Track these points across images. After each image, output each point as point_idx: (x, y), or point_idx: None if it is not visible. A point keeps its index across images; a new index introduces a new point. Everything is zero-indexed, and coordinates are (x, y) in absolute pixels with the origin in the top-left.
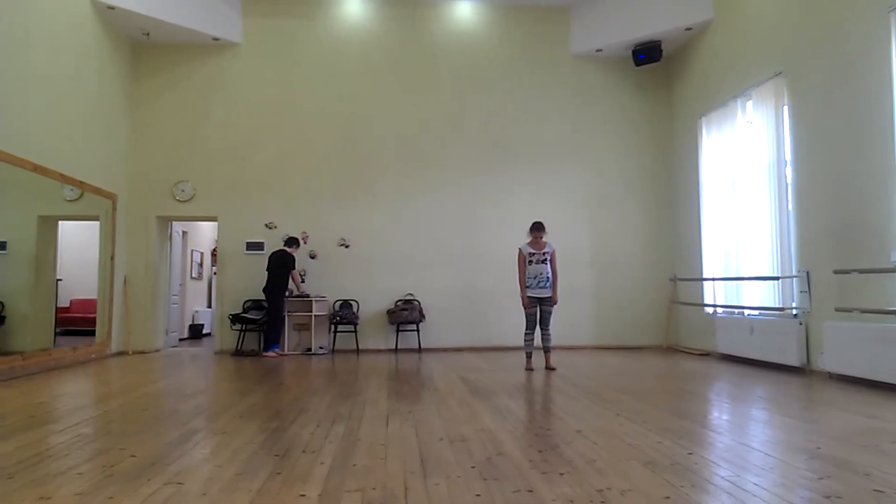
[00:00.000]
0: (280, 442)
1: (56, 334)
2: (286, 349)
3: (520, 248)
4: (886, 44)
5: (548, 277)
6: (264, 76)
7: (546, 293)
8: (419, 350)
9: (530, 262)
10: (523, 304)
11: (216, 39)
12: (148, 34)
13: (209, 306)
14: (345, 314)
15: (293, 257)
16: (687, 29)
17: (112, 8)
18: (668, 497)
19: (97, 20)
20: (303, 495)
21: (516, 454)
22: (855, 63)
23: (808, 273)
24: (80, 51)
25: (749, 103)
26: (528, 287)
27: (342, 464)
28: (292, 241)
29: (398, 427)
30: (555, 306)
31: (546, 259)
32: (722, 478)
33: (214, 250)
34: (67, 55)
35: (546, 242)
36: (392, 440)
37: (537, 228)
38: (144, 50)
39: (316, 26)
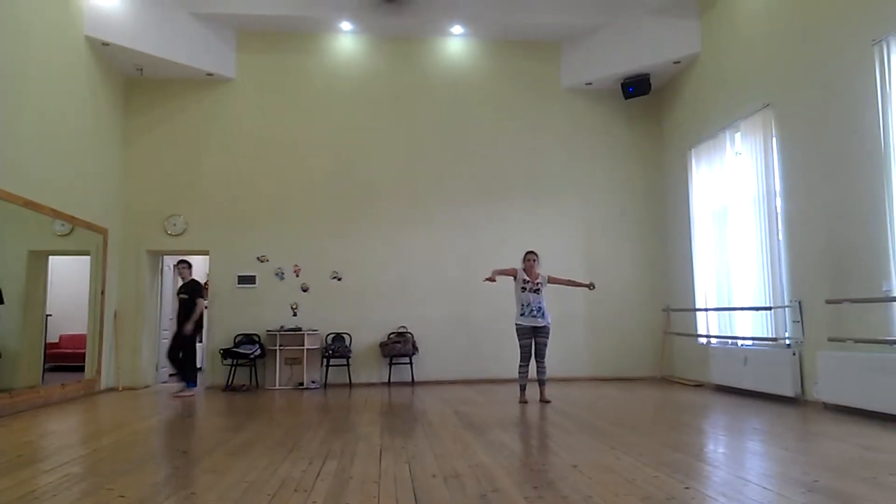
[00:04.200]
0: (271, 480)
1: (45, 371)
2: (277, 383)
3: (516, 268)
4: (871, 75)
5: (540, 307)
6: (257, 111)
7: (540, 322)
8: (412, 383)
9: (523, 289)
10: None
11: (210, 75)
12: (142, 70)
13: (200, 341)
14: (337, 347)
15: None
16: (675, 62)
17: (106, 44)
18: None
19: (91, 56)
20: None
21: (511, 491)
22: (841, 94)
23: (800, 303)
24: (74, 86)
25: (738, 135)
26: (521, 315)
27: (334, 503)
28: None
29: (391, 463)
30: (594, 289)
31: (539, 288)
32: None
33: (206, 284)
34: (61, 90)
35: (539, 273)
36: (385, 477)
37: (530, 255)
38: (138, 85)
39: (309, 61)
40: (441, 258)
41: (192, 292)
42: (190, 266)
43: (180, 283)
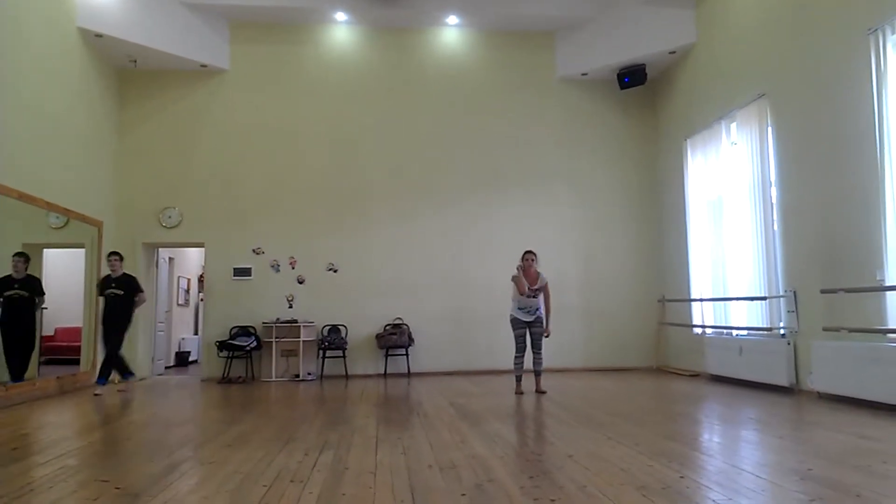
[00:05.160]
0: (268, 471)
1: (40, 363)
2: (273, 375)
3: (514, 276)
4: (866, 65)
5: (538, 308)
6: (252, 102)
7: (537, 317)
8: (408, 375)
9: (522, 294)
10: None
11: (203, 66)
12: (135, 61)
13: (196, 333)
14: (333, 339)
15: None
16: (671, 52)
17: (100, 36)
18: None
19: (85, 48)
20: None
21: (507, 481)
22: (836, 84)
23: (794, 293)
24: (68, 79)
25: (733, 125)
26: (518, 309)
27: (330, 493)
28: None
29: (387, 454)
30: (546, 337)
31: (537, 294)
32: (714, 501)
33: (201, 276)
34: (55, 83)
35: (539, 274)
36: (381, 468)
37: (529, 255)
38: (132, 77)
39: (303, 53)
40: (437, 249)
41: (129, 288)
42: (121, 258)
43: (109, 275)
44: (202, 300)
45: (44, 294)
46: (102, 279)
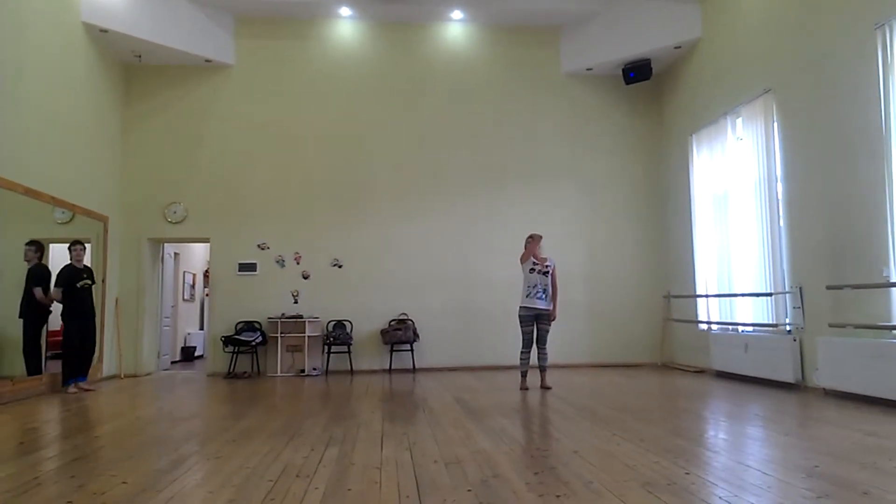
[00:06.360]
0: (273, 466)
1: (47, 358)
2: (278, 371)
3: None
4: (872, 60)
5: (546, 289)
6: (257, 98)
7: (544, 305)
8: (413, 370)
9: (532, 270)
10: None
11: (208, 61)
12: (140, 56)
13: (201, 328)
14: (338, 335)
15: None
16: (676, 47)
17: (105, 31)
18: None
19: (90, 43)
20: None
21: (512, 476)
22: (842, 79)
23: (800, 289)
24: (73, 74)
25: (739, 120)
26: (527, 297)
27: (336, 488)
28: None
29: (393, 450)
30: (553, 322)
31: (548, 272)
32: (720, 498)
33: (207, 272)
34: (60, 78)
35: (546, 257)
36: (387, 463)
37: (535, 237)
38: (137, 72)
39: (308, 48)
40: (441, 245)
41: (93, 279)
42: (85, 247)
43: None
44: (207, 295)
45: (38, 286)
46: (70, 270)
